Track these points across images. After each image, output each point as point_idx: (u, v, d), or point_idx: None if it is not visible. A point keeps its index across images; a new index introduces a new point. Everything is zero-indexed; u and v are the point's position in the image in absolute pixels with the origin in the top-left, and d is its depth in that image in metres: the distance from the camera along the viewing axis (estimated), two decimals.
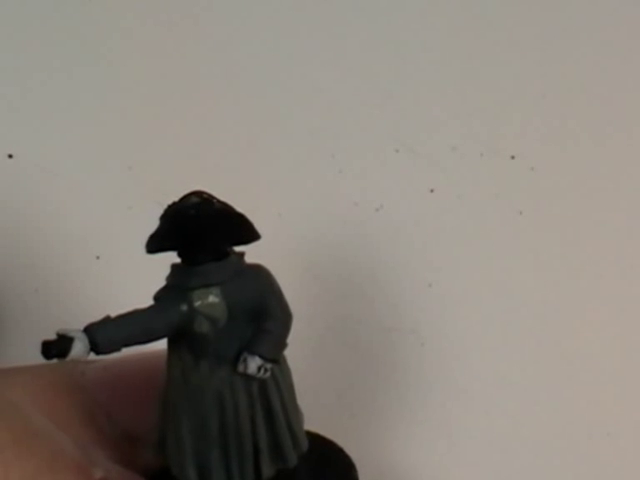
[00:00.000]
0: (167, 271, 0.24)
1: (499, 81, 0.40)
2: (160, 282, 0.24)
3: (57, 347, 0.22)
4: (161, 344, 0.26)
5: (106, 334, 0.22)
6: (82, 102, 0.40)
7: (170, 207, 0.24)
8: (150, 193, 0.39)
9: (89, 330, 0.22)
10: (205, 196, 0.24)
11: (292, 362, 0.26)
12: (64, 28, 0.40)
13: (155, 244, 0.24)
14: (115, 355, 0.27)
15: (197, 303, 0.23)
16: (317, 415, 0.26)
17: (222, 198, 0.24)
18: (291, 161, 0.40)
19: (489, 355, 0.39)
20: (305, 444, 0.26)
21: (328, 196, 0.40)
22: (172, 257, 0.24)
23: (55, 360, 0.22)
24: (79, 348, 0.22)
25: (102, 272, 0.39)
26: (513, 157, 0.40)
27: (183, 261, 0.24)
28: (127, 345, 0.23)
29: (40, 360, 0.22)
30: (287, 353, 0.25)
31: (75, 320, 0.33)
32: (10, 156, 0.39)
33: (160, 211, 0.24)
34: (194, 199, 0.24)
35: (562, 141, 0.40)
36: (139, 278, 0.37)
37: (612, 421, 0.40)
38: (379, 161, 0.40)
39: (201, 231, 0.23)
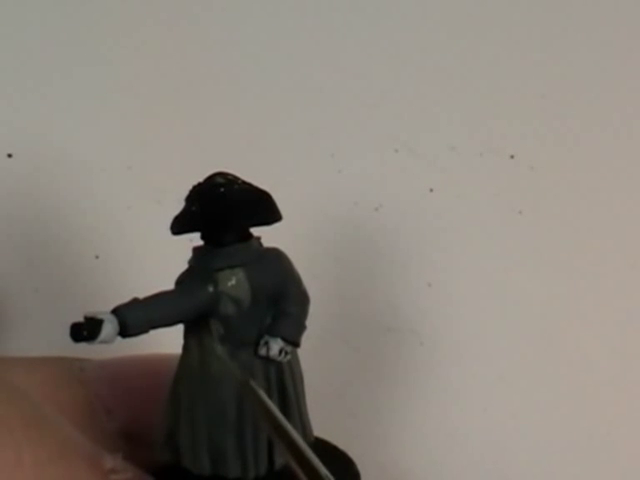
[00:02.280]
0: (167, 270, 0.24)
1: (499, 81, 0.40)
2: (160, 281, 0.24)
3: (87, 329, 0.21)
4: (156, 348, 0.26)
5: (135, 316, 0.22)
6: (82, 102, 0.40)
7: (195, 188, 0.24)
8: (149, 193, 0.39)
9: (118, 312, 0.22)
10: (230, 177, 0.24)
11: None
12: (64, 28, 0.40)
13: (181, 225, 0.24)
14: (112, 354, 0.27)
15: (223, 284, 0.23)
16: (317, 414, 0.26)
17: None
18: (291, 161, 0.40)
19: (488, 354, 0.39)
20: (312, 435, 0.26)
21: (328, 196, 0.40)
22: (174, 256, 0.24)
23: (84, 343, 0.21)
24: (109, 330, 0.22)
25: (102, 272, 0.39)
26: (512, 157, 0.40)
27: (207, 243, 0.24)
28: (154, 327, 0.23)
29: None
30: None
31: (75, 320, 0.33)
32: (10, 156, 0.39)
33: (160, 210, 0.24)
34: (219, 179, 0.24)
35: (562, 141, 0.40)
36: (139, 277, 0.37)
37: (612, 421, 0.40)
38: (378, 161, 0.40)
39: (230, 209, 0.23)
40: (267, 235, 0.24)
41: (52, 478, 0.21)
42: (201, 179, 0.24)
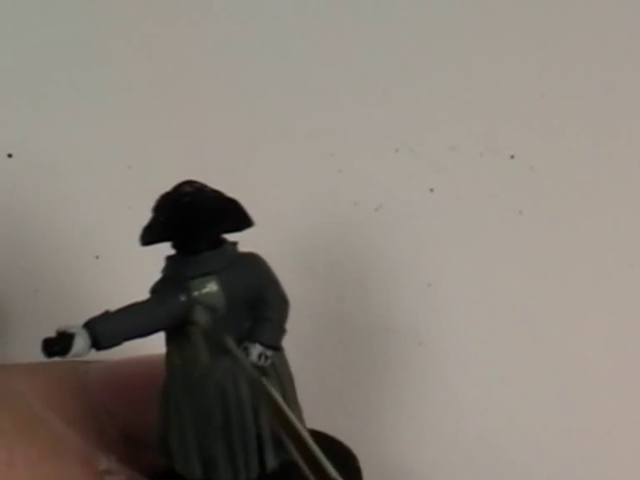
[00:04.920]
0: None
1: (499, 81, 0.40)
2: None
3: (58, 344, 0.21)
4: (162, 346, 0.26)
5: (107, 329, 0.22)
6: (82, 102, 0.40)
7: (163, 197, 0.24)
8: (149, 193, 0.39)
9: (89, 325, 0.22)
10: (197, 185, 0.24)
11: (291, 362, 0.26)
12: (64, 28, 0.40)
13: (151, 236, 0.24)
14: (117, 356, 0.27)
15: (195, 292, 0.23)
16: (316, 414, 0.26)
17: None
18: (290, 161, 0.40)
19: (487, 354, 0.39)
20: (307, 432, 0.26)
21: (328, 196, 0.40)
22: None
23: (57, 358, 0.22)
24: (80, 344, 0.22)
25: (102, 272, 0.39)
26: (512, 157, 0.40)
27: (178, 251, 0.24)
28: (128, 339, 0.23)
29: (39, 358, 0.22)
30: (286, 352, 0.25)
31: (75, 320, 0.32)
32: (10, 156, 0.39)
33: None
34: (187, 188, 0.24)
35: (562, 141, 0.40)
36: (139, 277, 0.37)
37: (612, 421, 0.40)
38: (379, 161, 0.40)
39: (197, 218, 0.23)
40: (266, 236, 0.24)
41: (44, 477, 0.21)
42: (201, 179, 0.24)
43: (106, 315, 0.23)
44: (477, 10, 0.40)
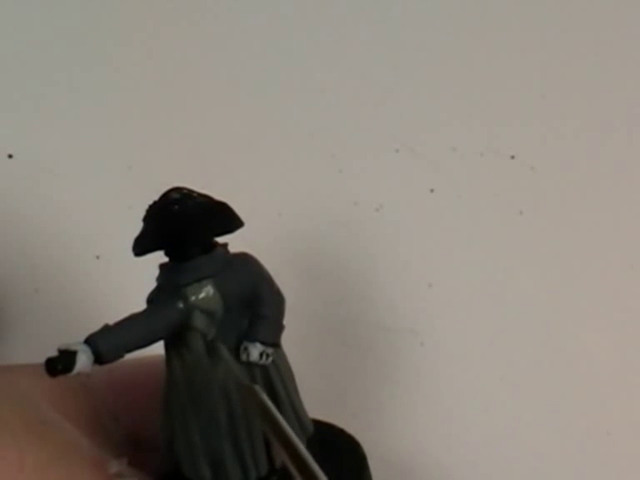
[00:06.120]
0: None
1: (499, 81, 0.40)
2: None
3: (61, 362, 0.21)
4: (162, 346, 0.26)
5: (108, 342, 0.22)
6: (82, 102, 0.40)
7: (151, 207, 0.24)
8: (150, 193, 0.39)
9: (90, 341, 0.22)
10: (185, 191, 0.24)
11: (292, 362, 0.26)
12: (64, 28, 0.40)
13: (142, 246, 0.24)
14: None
15: (192, 298, 0.23)
16: (317, 415, 0.26)
17: (222, 198, 0.24)
18: (291, 161, 0.40)
19: (488, 355, 0.39)
20: (310, 427, 0.26)
21: (328, 196, 0.40)
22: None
23: (61, 376, 0.22)
24: (83, 360, 0.22)
25: (102, 272, 0.39)
26: (513, 157, 0.40)
27: (171, 259, 0.24)
28: (129, 351, 0.23)
29: (39, 359, 0.22)
30: (287, 352, 0.25)
31: (75, 320, 0.33)
32: (10, 156, 0.39)
33: None
34: (174, 195, 0.24)
35: (562, 141, 0.40)
36: (139, 278, 0.37)
37: (612, 421, 0.40)
38: (379, 161, 0.40)
39: (187, 225, 0.23)
40: (267, 237, 0.24)
41: None
42: (201, 179, 0.24)
43: (106, 329, 0.23)
44: (477, 10, 0.40)
